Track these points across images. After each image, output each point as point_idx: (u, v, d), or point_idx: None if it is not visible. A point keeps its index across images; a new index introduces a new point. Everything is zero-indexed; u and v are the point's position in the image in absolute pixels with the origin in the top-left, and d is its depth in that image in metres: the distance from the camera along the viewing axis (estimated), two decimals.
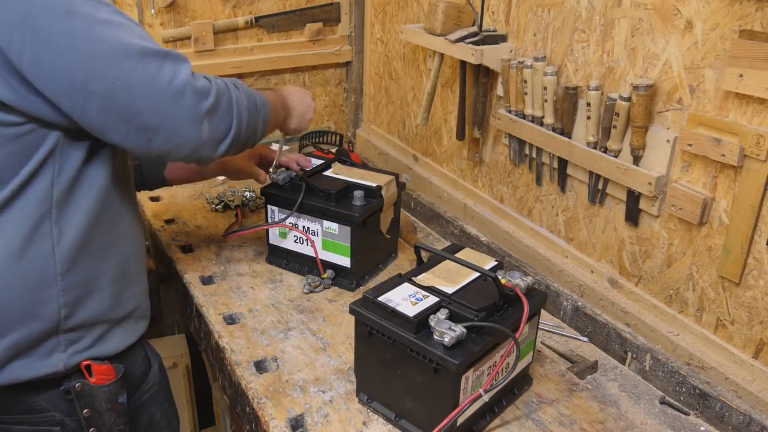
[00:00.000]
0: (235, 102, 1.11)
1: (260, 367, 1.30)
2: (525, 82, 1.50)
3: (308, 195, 1.53)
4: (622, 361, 1.41)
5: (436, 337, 1.05)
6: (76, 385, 1.12)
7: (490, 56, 1.57)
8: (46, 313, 1.08)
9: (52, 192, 1.06)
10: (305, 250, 1.57)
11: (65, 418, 1.14)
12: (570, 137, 1.45)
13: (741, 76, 1.10)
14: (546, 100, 1.47)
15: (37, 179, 1.04)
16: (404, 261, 1.70)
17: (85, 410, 1.14)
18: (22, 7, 0.94)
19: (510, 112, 1.59)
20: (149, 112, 1.01)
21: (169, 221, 1.84)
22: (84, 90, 0.98)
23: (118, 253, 1.18)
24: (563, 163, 1.50)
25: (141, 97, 1.00)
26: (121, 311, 1.18)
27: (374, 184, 1.54)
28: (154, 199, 1.95)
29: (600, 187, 1.43)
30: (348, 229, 1.50)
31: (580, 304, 1.50)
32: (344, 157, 1.76)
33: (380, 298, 1.12)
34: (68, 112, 1.00)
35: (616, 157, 1.36)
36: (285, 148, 1.63)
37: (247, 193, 1.93)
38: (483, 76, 1.65)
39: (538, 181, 1.60)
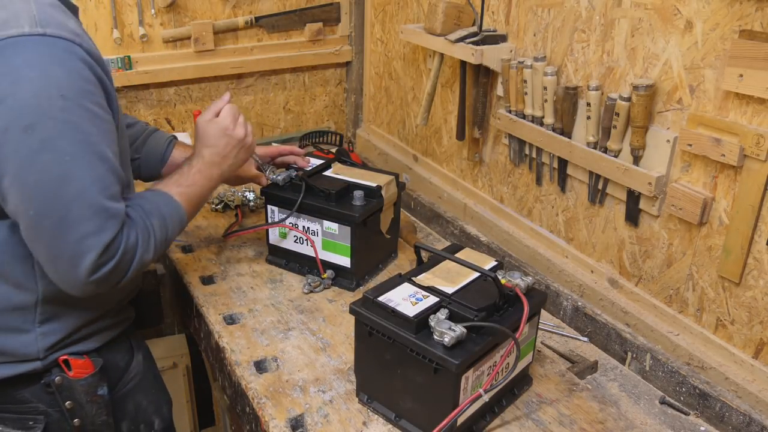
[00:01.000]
0: (137, 261, 1.08)
1: (260, 367, 1.30)
2: (525, 82, 1.50)
3: (308, 195, 1.53)
4: (622, 361, 1.41)
5: (436, 337, 1.05)
6: (56, 378, 1.15)
7: (490, 56, 1.57)
8: (24, 354, 1.12)
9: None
10: (305, 250, 1.57)
11: (48, 409, 1.17)
12: (570, 137, 1.45)
13: (741, 76, 1.10)
14: (546, 100, 1.47)
15: (20, 238, 1.05)
16: (404, 261, 1.70)
17: (67, 402, 1.17)
18: (1, 92, 0.94)
19: (510, 112, 1.59)
20: (44, 251, 1.02)
21: None
22: (5, 194, 0.99)
23: (105, 302, 1.20)
24: (563, 163, 1.50)
25: (43, 237, 1.00)
26: (101, 328, 1.21)
27: (374, 184, 1.54)
28: None
29: (600, 187, 1.43)
30: (348, 229, 1.50)
31: (580, 304, 1.50)
32: (344, 157, 1.76)
33: (380, 298, 1.12)
34: None
35: (616, 157, 1.36)
36: (274, 144, 1.63)
37: (247, 193, 1.93)
38: (483, 76, 1.65)
39: (538, 181, 1.60)
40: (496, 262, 1.25)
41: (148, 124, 1.52)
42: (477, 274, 1.19)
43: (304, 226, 1.56)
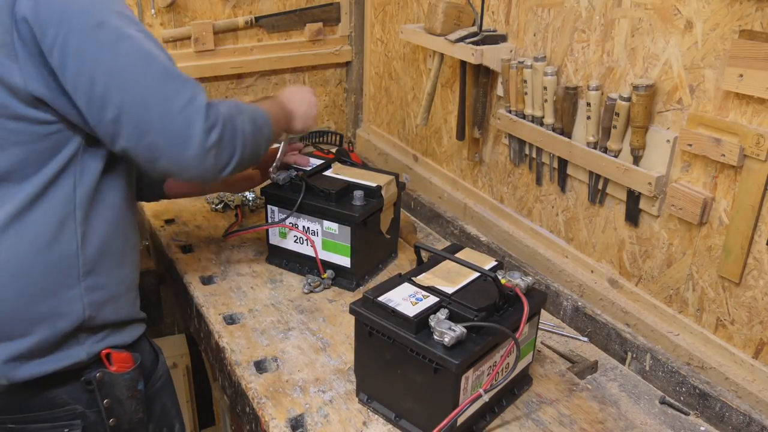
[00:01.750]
0: (240, 132, 1.14)
1: (260, 367, 1.30)
2: (525, 82, 1.50)
3: (308, 195, 1.53)
4: (622, 361, 1.41)
5: (436, 337, 1.05)
6: (97, 374, 1.15)
7: (490, 56, 1.57)
8: (70, 313, 1.11)
9: (75, 194, 1.09)
10: (305, 250, 1.57)
11: (86, 410, 1.16)
12: (570, 137, 1.45)
13: (741, 76, 1.10)
14: (546, 100, 1.47)
15: (61, 181, 1.08)
16: (404, 261, 1.70)
17: (105, 400, 1.16)
18: (59, 9, 0.99)
19: (510, 112, 1.59)
20: (159, 132, 1.04)
21: (169, 221, 1.84)
22: (102, 99, 1.01)
23: (132, 262, 1.23)
24: (563, 163, 1.50)
25: (154, 117, 1.03)
26: (134, 314, 1.23)
27: (374, 184, 1.54)
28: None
29: (600, 187, 1.43)
30: (348, 229, 1.50)
31: (580, 304, 1.50)
32: (344, 157, 1.76)
33: (380, 298, 1.12)
34: (85, 117, 1.04)
35: (616, 157, 1.36)
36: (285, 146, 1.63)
37: (247, 193, 1.93)
38: (483, 76, 1.65)
39: (538, 181, 1.60)
40: (496, 262, 1.25)
41: None
42: (477, 274, 1.19)
43: (304, 226, 1.56)
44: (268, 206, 1.60)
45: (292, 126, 1.42)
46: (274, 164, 1.58)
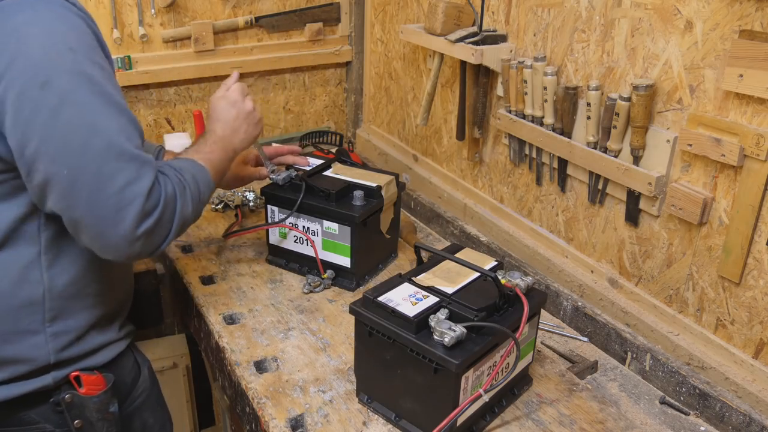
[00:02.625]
0: (179, 213, 1.07)
1: (260, 367, 1.30)
2: (525, 82, 1.50)
3: (308, 195, 1.53)
4: (622, 361, 1.41)
5: (436, 337, 1.05)
6: (66, 396, 1.11)
7: (490, 56, 1.57)
8: (34, 359, 1.08)
9: (40, 239, 1.05)
10: (305, 250, 1.57)
11: (56, 430, 1.13)
12: (570, 137, 1.45)
13: (741, 76, 1.10)
14: (546, 100, 1.47)
15: (23, 226, 1.03)
16: (404, 261, 1.70)
17: (76, 421, 1.13)
18: (5, 62, 0.92)
19: (510, 112, 1.59)
20: (86, 211, 0.97)
21: None
22: (31, 163, 0.95)
23: (111, 299, 1.17)
24: (563, 163, 1.50)
25: (82, 195, 0.96)
26: (110, 339, 1.19)
27: (374, 184, 1.54)
28: None
29: (600, 187, 1.43)
30: (348, 229, 1.50)
31: (580, 304, 1.50)
32: (344, 157, 1.76)
33: (380, 298, 1.12)
34: (20, 172, 0.98)
35: (616, 157, 1.36)
36: (274, 144, 1.64)
37: (247, 193, 1.93)
38: (483, 76, 1.65)
39: (538, 181, 1.60)
40: (496, 262, 1.25)
41: None
42: (477, 274, 1.19)
43: (304, 226, 1.56)
44: (268, 206, 1.60)
45: (237, 150, 1.34)
46: (267, 165, 1.57)
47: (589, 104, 1.36)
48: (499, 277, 1.12)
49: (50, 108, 0.93)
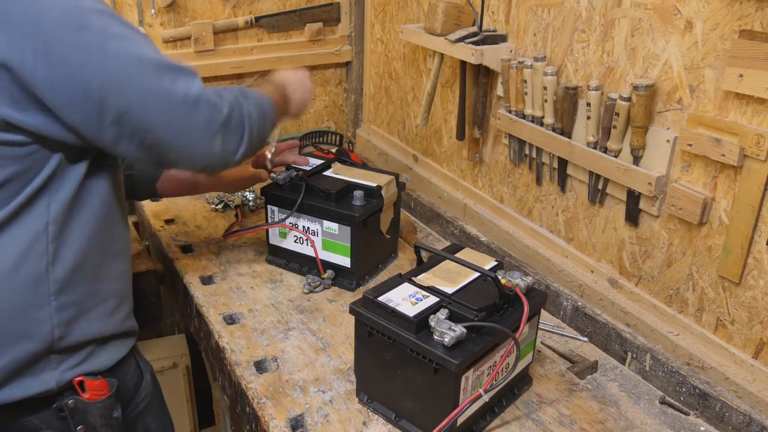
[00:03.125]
0: (246, 115, 1.12)
1: (260, 367, 1.30)
2: (525, 82, 1.50)
3: (308, 195, 1.53)
4: (622, 361, 1.41)
5: (436, 337, 1.05)
6: (69, 402, 1.10)
7: (490, 56, 1.57)
8: (39, 334, 1.06)
9: (48, 211, 1.05)
10: (305, 250, 1.57)
11: None
12: (570, 137, 1.45)
13: (741, 76, 1.10)
14: (546, 100, 1.47)
15: (34, 200, 1.03)
16: (404, 261, 1.70)
17: (79, 427, 1.12)
18: (33, 22, 0.93)
19: (510, 112, 1.59)
20: (163, 126, 1.02)
21: (169, 221, 1.84)
22: (99, 105, 0.98)
23: (113, 272, 1.17)
24: (563, 163, 1.50)
25: (155, 112, 1.01)
26: (113, 329, 1.17)
27: (374, 184, 1.54)
28: (154, 198, 1.95)
29: (600, 187, 1.43)
30: (348, 229, 1.50)
31: (580, 304, 1.50)
32: (344, 157, 1.76)
33: (380, 298, 1.12)
34: (82, 128, 1.00)
35: (616, 157, 1.36)
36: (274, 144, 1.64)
37: (247, 193, 1.93)
38: (483, 76, 1.65)
39: (538, 181, 1.60)
40: (496, 262, 1.25)
41: None
42: (477, 274, 1.19)
43: (304, 226, 1.56)
44: (268, 206, 1.60)
45: (288, 111, 1.39)
46: (268, 159, 1.57)
47: (589, 104, 1.36)
48: (499, 277, 1.12)
49: (96, 46, 0.97)
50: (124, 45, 0.99)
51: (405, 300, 1.12)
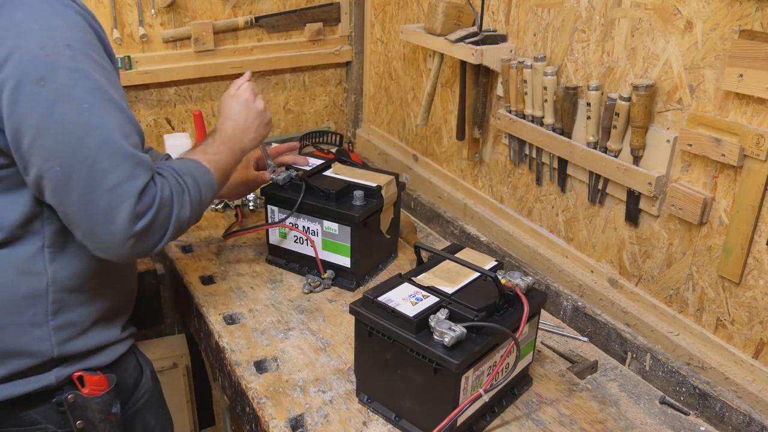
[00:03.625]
0: (176, 216, 1.05)
1: (260, 367, 1.30)
2: (525, 82, 1.50)
3: (308, 195, 1.53)
4: (622, 361, 1.41)
5: (436, 337, 1.05)
6: (69, 396, 1.11)
7: (490, 56, 1.57)
8: (38, 352, 1.08)
9: (44, 232, 1.05)
10: (305, 250, 1.57)
11: (58, 430, 1.13)
12: (570, 137, 1.45)
13: (741, 76, 1.10)
14: (546, 100, 1.47)
15: (30, 218, 1.03)
16: (404, 261, 1.70)
17: (78, 422, 1.13)
18: (3, 57, 0.93)
19: (510, 112, 1.59)
20: (78, 208, 0.97)
21: None
22: (26, 157, 0.96)
23: (114, 292, 1.17)
24: (563, 163, 1.50)
25: (75, 192, 0.96)
26: (112, 339, 1.18)
27: (374, 184, 1.54)
28: None
29: (600, 187, 1.43)
30: (348, 229, 1.50)
31: (580, 304, 1.50)
32: (344, 157, 1.76)
33: (380, 298, 1.12)
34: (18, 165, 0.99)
35: (616, 157, 1.36)
36: (275, 145, 1.64)
37: None
38: (483, 76, 1.65)
39: (538, 181, 1.60)
40: (496, 262, 1.25)
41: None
42: (477, 274, 1.19)
43: (304, 226, 1.56)
44: (268, 206, 1.60)
45: (245, 151, 1.34)
46: (269, 165, 1.57)
47: (589, 104, 1.36)
48: (499, 277, 1.12)
49: (45, 104, 0.93)
50: (76, 113, 0.95)
51: (405, 300, 1.12)
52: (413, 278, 1.19)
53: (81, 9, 1.01)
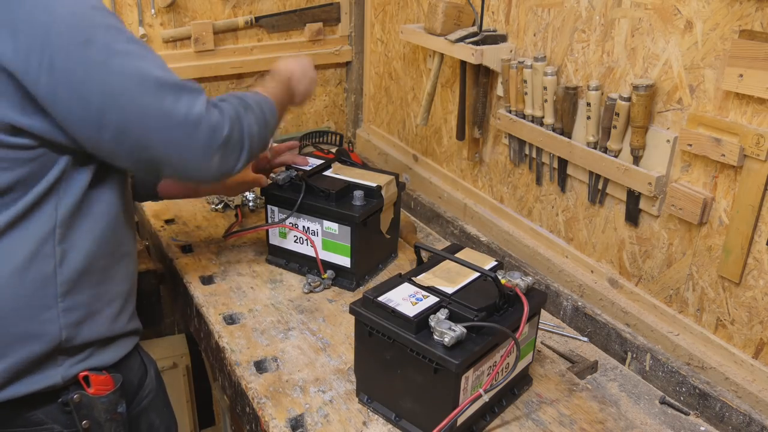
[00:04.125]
0: (247, 131, 1.12)
1: (260, 367, 1.30)
2: (525, 82, 1.50)
3: (308, 195, 1.53)
4: (622, 361, 1.41)
5: (436, 337, 1.05)
6: (74, 396, 1.11)
7: (490, 56, 1.57)
8: (46, 335, 1.08)
9: (56, 213, 1.06)
10: (305, 250, 1.57)
11: (64, 430, 1.13)
12: (570, 137, 1.45)
13: (741, 76, 1.10)
14: (546, 100, 1.47)
15: (42, 202, 1.04)
16: (404, 261, 1.70)
17: (84, 422, 1.13)
18: (40, 33, 0.95)
19: (510, 112, 1.59)
20: (162, 145, 1.03)
21: (169, 221, 1.84)
22: (99, 121, 0.99)
23: (120, 274, 1.18)
24: (563, 163, 1.50)
25: (155, 131, 1.02)
26: (119, 329, 1.19)
27: (374, 184, 1.54)
28: (154, 200, 1.95)
29: (600, 187, 1.43)
30: (348, 229, 1.50)
31: (580, 304, 1.50)
32: (344, 157, 1.76)
33: (380, 298, 1.12)
34: (81, 141, 1.01)
35: (616, 157, 1.36)
36: (274, 145, 1.64)
37: (247, 193, 1.93)
38: (483, 76, 1.65)
39: (538, 181, 1.60)
40: (496, 262, 1.25)
41: None
42: (477, 274, 1.19)
43: (304, 226, 1.56)
44: (268, 206, 1.60)
45: (293, 103, 1.42)
46: (268, 152, 1.58)
47: (589, 104, 1.36)
48: (499, 277, 1.12)
49: (100, 62, 0.97)
50: (127, 62, 1.00)
51: (405, 300, 1.12)
52: (413, 278, 1.19)
53: None
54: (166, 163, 1.05)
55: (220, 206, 1.90)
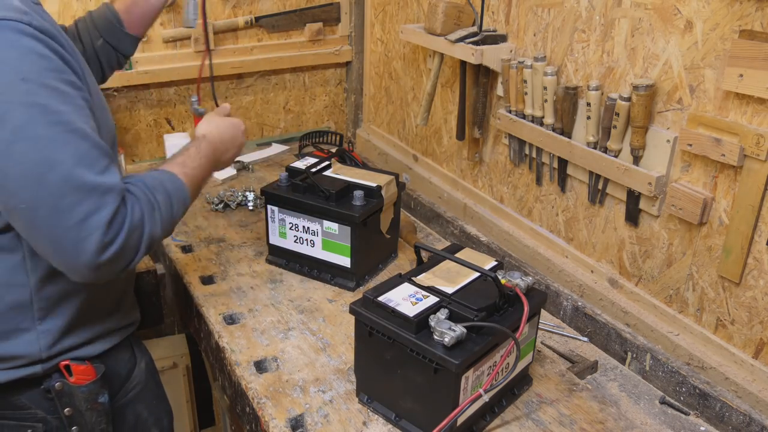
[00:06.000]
0: (147, 237, 1.03)
1: (260, 367, 1.30)
2: (525, 82, 1.50)
3: (308, 195, 1.53)
4: (622, 361, 1.41)
5: (436, 337, 1.05)
6: (56, 384, 1.12)
7: (490, 56, 1.57)
8: (26, 354, 1.09)
9: (22, 245, 1.04)
10: (305, 250, 1.57)
11: (47, 416, 1.14)
12: (570, 137, 1.45)
13: (741, 76, 1.10)
14: (546, 100, 1.47)
15: (5, 234, 1.03)
16: (404, 261, 1.70)
17: (66, 409, 1.14)
18: None
19: (510, 112, 1.59)
20: (48, 243, 0.96)
21: None
22: None
23: (104, 291, 1.17)
24: (563, 163, 1.50)
25: (42, 228, 0.95)
26: (106, 329, 1.19)
27: (374, 184, 1.54)
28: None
29: (600, 187, 1.43)
30: (348, 229, 1.50)
31: (580, 304, 1.50)
32: (344, 157, 1.76)
33: (380, 298, 1.12)
34: None
35: (616, 157, 1.36)
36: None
37: (247, 193, 1.93)
38: (483, 76, 1.65)
39: (538, 181, 1.60)
40: (496, 262, 1.25)
41: (79, 20, 1.43)
42: (477, 274, 1.19)
43: (304, 226, 1.56)
44: (268, 206, 1.60)
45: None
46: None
47: (589, 104, 1.36)
48: (499, 277, 1.12)
49: (4, 144, 0.91)
50: (33, 150, 0.92)
51: (405, 300, 1.12)
52: (413, 278, 1.19)
53: (37, 31, 0.95)
54: (49, 258, 0.99)
55: (220, 206, 1.90)
